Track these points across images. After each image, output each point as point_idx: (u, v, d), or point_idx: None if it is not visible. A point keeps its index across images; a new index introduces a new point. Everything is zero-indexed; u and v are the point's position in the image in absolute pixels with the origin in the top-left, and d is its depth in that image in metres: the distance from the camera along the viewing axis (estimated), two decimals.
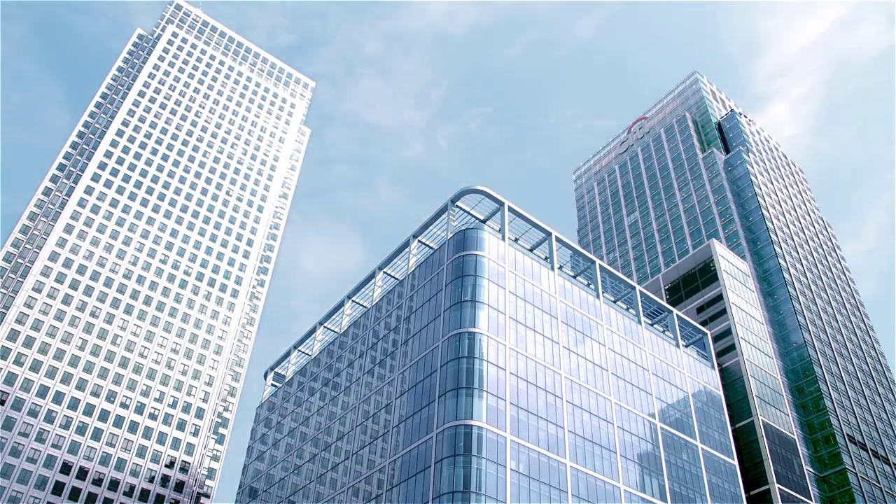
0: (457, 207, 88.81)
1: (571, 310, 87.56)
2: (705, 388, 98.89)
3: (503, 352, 74.68)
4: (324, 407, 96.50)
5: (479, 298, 76.70)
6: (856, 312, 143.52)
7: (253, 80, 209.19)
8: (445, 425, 67.92)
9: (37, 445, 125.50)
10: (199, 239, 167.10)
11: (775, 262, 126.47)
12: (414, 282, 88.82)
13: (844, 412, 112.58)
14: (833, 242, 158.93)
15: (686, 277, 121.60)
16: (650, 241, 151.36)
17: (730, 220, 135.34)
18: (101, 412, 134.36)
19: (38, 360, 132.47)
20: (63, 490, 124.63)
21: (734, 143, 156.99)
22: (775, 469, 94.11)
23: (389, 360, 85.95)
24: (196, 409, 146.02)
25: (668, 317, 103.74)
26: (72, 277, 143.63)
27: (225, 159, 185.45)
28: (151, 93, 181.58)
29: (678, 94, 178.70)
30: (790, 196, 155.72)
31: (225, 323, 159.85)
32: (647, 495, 77.73)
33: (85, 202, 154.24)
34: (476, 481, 63.60)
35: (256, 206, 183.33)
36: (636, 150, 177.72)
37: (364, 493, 77.15)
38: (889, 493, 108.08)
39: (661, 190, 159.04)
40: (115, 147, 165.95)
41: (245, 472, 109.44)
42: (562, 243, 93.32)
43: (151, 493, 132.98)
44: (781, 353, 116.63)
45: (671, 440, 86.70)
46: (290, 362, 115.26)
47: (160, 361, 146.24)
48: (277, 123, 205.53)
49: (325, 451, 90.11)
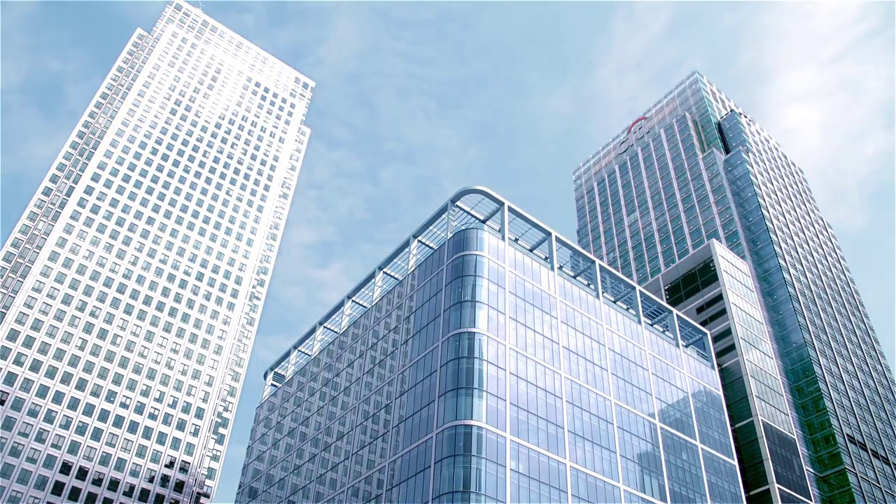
0: (457, 207, 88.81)
1: (571, 310, 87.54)
2: (705, 388, 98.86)
3: (503, 352, 74.66)
4: (324, 407, 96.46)
5: (479, 298, 76.69)
6: (856, 312, 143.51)
7: (253, 80, 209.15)
8: (445, 425, 67.91)
9: (37, 445, 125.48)
10: (199, 239, 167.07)
11: (775, 262, 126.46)
12: (414, 282, 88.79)
13: (844, 412, 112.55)
14: (833, 243, 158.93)
15: (686, 277, 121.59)
16: (650, 241, 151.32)
17: (730, 220, 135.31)
18: (101, 412, 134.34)
19: (38, 360, 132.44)
20: (63, 490, 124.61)
21: (734, 143, 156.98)
22: (775, 469, 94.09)
23: (389, 360, 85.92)
24: (196, 409, 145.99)
25: (668, 317, 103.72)
26: (72, 277, 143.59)
27: (225, 159, 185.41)
28: (151, 93, 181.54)
29: (678, 94, 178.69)
30: (790, 196, 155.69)
31: (225, 323, 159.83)
32: (647, 495, 77.72)
33: (85, 202, 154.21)
34: (476, 481, 63.59)
35: (256, 206, 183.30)
36: (636, 150, 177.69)
37: (364, 493, 77.13)
38: (889, 493, 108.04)
39: (661, 190, 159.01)
40: (114, 147, 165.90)
41: (245, 472, 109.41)
42: (562, 243, 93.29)
43: (151, 493, 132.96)
44: (781, 353, 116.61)
45: (671, 440, 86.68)
46: (290, 362, 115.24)
47: (160, 361, 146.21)
48: (277, 123, 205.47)
49: (324, 451, 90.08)
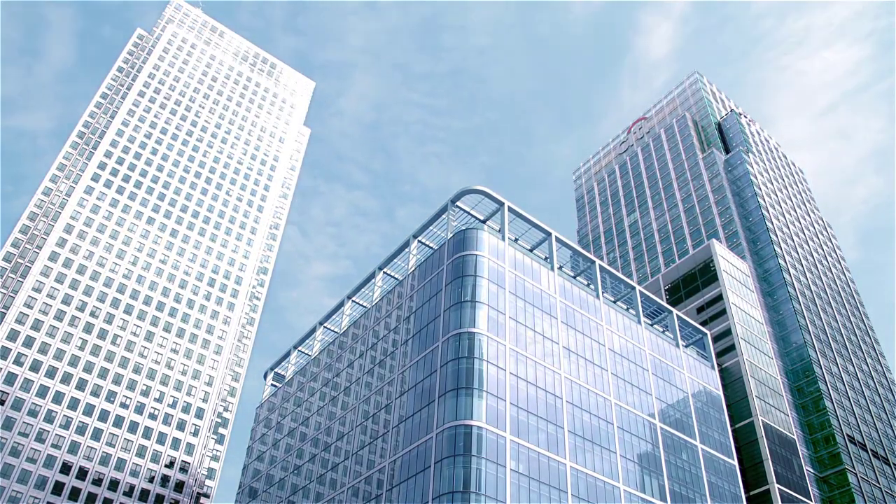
0: (456, 207, 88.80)
1: (571, 310, 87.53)
2: (705, 388, 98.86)
3: (503, 352, 74.66)
4: (324, 407, 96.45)
5: (479, 298, 76.69)
6: (856, 312, 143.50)
7: (253, 80, 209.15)
8: (445, 425, 67.91)
9: (37, 445, 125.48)
10: (199, 239, 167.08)
11: (775, 262, 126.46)
12: (414, 282, 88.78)
13: (844, 412, 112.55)
14: (833, 243, 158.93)
15: (686, 277, 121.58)
16: (650, 241, 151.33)
17: (730, 220, 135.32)
18: (101, 412, 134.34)
19: (38, 360, 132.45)
20: (63, 490, 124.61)
21: (734, 143, 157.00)
22: (775, 469, 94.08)
23: (389, 360, 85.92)
24: (196, 409, 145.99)
25: (668, 317, 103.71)
26: (72, 277, 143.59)
27: (225, 159, 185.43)
28: (151, 93, 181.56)
29: (678, 95, 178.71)
30: (790, 196, 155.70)
31: (225, 323, 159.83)
32: (646, 495, 77.72)
33: (85, 202, 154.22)
34: (476, 481, 63.59)
35: (256, 206, 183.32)
36: (636, 150, 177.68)
37: (364, 494, 77.12)
38: (889, 494, 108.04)
39: (661, 190, 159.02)
40: (115, 147, 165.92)
41: (245, 472, 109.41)
42: (562, 243, 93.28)
43: (151, 493, 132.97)
44: (781, 353, 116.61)
45: (671, 440, 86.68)
46: (290, 362, 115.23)
47: (160, 361, 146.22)
48: (277, 123, 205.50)
49: (325, 451, 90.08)
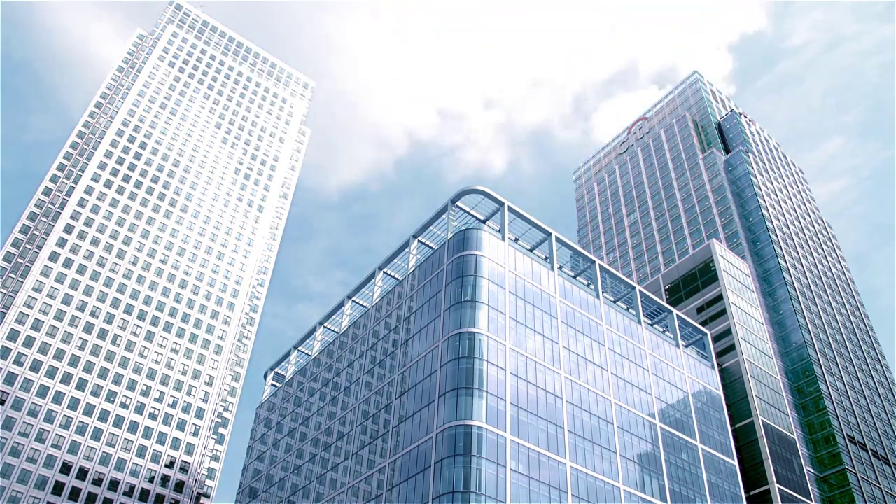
0: (457, 207, 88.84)
1: (571, 310, 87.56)
2: (705, 388, 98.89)
3: (503, 352, 74.68)
4: (324, 407, 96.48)
5: (479, 298, 76.71)
6: (856, 312, 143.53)
7: (253, 80, 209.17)
8: (445, 425, 67.92)
9: (37, 445, 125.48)
10: (199, 239, 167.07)
11: (775, 262, 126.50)
12: (414, 282, 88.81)
13: (844, 412, 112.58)
14: (833, 243, 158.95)
15: (686, 277, 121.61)
16: (650, 241, 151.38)
17: (730, 220, 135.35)
18: (101, 412, 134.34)
19: (38, 360, 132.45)
20: (63, 490, 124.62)
21: (734, 143, 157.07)
22: (775, 469, 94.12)
23: (389, 360, 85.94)
24: (196, 409, 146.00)
25: (668, 317, 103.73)
26: (72, 277, 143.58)
27: (225, 159, 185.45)
28: (151, 93, 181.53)
29: (678, 95, 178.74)
30: (790, 196, 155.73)
31: (225, 323, 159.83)
32: (646, 495, 77.74)
33: (85, 202, 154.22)
34: (476, 481, 63.61)
35: (256, 207, 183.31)
36: (636, 150, 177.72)
37: (364, 494, 77.14)
38: (889, 494, 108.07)
39: (661, 190, 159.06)
40: (115, 147, 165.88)
41: (245, 472, 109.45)
42: (562, 243, 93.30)
43: (151, 493, 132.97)
44: (781, 353, 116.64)
45: (671, 440, 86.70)
46: (290, 362, 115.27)
47: (160, 361, 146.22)
48: (277, 123, 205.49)
49: (324, 451, 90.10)
